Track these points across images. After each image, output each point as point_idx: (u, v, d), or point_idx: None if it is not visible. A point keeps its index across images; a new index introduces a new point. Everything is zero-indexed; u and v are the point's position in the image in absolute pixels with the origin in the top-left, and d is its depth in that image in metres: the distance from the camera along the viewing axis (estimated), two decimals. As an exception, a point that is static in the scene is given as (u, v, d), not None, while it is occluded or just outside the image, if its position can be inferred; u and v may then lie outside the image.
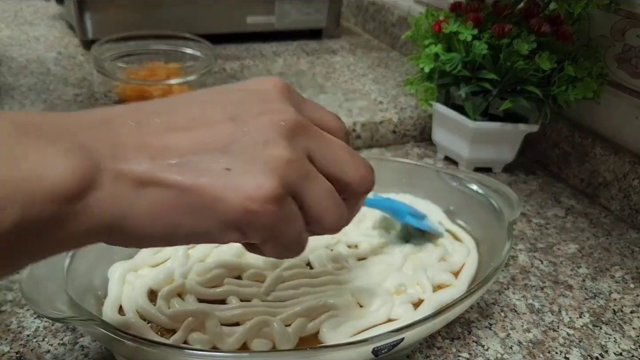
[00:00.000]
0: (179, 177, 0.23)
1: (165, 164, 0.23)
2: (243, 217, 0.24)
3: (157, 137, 0.24)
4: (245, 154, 0.24)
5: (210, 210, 0.23)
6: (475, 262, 0.43)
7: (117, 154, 0.23)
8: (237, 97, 0.27)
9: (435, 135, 0.65)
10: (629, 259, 0.51)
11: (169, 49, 0.73)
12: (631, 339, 0.41)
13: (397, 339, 0.33)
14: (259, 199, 0.23)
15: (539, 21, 0.54)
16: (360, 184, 0.28)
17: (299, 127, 0.26)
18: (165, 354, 0.30)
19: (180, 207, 0.23)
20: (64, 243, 0.22)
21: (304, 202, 0.26)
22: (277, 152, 0.24)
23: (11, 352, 0.36)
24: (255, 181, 0.23)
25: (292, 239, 0.26)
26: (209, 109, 0.26)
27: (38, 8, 1.02)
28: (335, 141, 0.27)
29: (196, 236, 0.25)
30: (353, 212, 0.29)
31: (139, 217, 0.23)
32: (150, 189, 0.23)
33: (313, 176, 0.26)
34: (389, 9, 0.96)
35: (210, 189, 0.23)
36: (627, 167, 0.55)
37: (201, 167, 0.23)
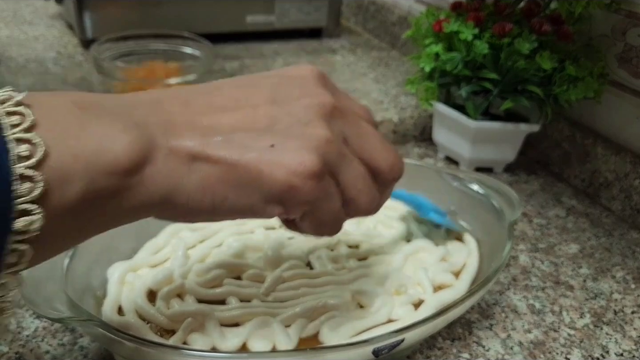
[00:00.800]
0: (226, 152, 0.24)
1: (213, 140, 0.24)
2: (286, 191, 0.25)
3: (205, 116, 0.25)
4: (288, 133, 0.25)
5: (256, 184, 0.24)
6: (476, 263, 0.43)
7: (169, 131, 0.24)
8: (276, 81, 0.28)
9: (435, 135, 0.65)
10: (630, 259, 0.51)
11: (169, 49, 0.73)
12: (632, 339, 0.41)
13: (397, 339, 0.32)
14: (301, 174, 0.24)
15: (540, 21, 0.54)
16: (390, 171, 0.29)
17: (336, 110, 0.27)
18: (165, 355, 0.30)
19: (228, 181, 0.24)
20: (122, 215, 0.24)
21: (340, 182, 0.27)
22: (317, 131, 0.25)
23: (10, 353, 0.36)
24: (298, 157, 0.24)
25: (330, 216, 0.27)
26: (252, 92, 0.27)
27: (37, 7, 1.02)
28: (369, 128, 0.29)
29: (241, 209, 0.25)
30: (383, 199, 0.30)
31: (189, 190, 0.24)
32: (199, 164, 0.24)
33: (349, 158, 0.27)
34: (389, 8, 0.96)
35: (255, 164, 0.24)
36: (628, 167, 0.55)
37: (247, 143, 0.25)
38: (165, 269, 0.39)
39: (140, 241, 0.43)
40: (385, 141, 0.29)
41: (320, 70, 0.29)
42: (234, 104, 0.26)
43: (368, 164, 0.28)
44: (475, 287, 0.37)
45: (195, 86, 0.27)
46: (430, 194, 0.50)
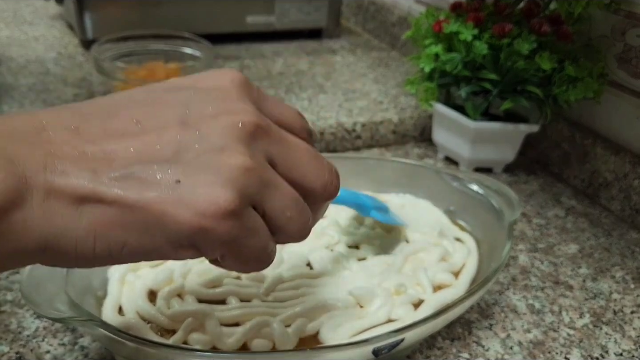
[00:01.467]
0: (122, 192, 0.21)
1: (106, 176, 0.21)
2: (196, 235, 0.22)
3: (98, 145, 0.21)
4: (198, 163, 0.22)
5: (159, 228, 0.21)
6: (475, 263, 0.43)
7: (51, 167, 0.20)
8: (188, 95, 0.24)
9: (435, 136, 0.65)
10: (630, 259, 0.51)
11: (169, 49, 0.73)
12: (631, 339, 0.41)
13: (397, 339, 0.33)
14: (213, 215, 0.21)
15: (540, 21, 0.54)
16: (323, 191, 0.26)
17: (259, 129, 0.23)
18: (165, 354, 0.30)
19: (125, 225, 0.21)
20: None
21: (266, 212, 0.24)
22: (234, 160, 0.22)
23: (11, 353, 0.36)
24: (208, 195, 0.21)
25: (256, 252, 0.24)
26: (157, 111, 0.23)
27: (37, 8, 1.02)
28: (298, 144, 0.25)
29: (145, 254, 0.22)
30: (316, 218, 0.27)
31: (78, 237, 0.21)
32: (90, 205, 0.21)
33: (275, 184, 0.24)
34: (389, 8, 0.96)
35: (157, 205, 0.21)
36: (628, 167, 0.55)
37: (148, 179, 0.21)
38: (165, 269, 0.39)
39: (141, 241, 0.43)
40: (318, 156, 0.26)
41: (242, 76, 0.25)
42: (134, 127, 0.22)
43: (299, 185, 0.25)
44: (474, 287, 0.37)
45: (89, 104, 0.23)
46: (430, 195, 0.50)
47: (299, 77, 0.79)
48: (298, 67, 0.83)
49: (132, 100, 0.24)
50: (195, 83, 0.25)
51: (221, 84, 0.25)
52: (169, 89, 0.24)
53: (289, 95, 0.72)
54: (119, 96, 0.24)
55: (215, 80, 0.25)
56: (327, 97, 0.72)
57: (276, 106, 0.26)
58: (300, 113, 0.27)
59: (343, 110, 0.69)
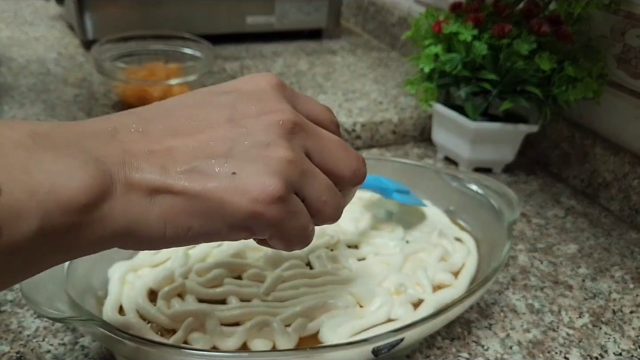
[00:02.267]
0: (187, 183, 0.24)
1: (174, 170, 0.24)
2: (250, 218, 0.25)
3: (163, 143, 0.25)
4: (249, 157, 0.25)
5: (219, 214, 0.24)
6: (475, 262, 0.43)
7: (127, 164, 0.24)
8: (232, 98, 0.27)
9: (435, 136, 0.65)
10: (629, 259, 0.51)
11: (169, 49, 0.73)
12: (630, 339, 0.41)
13: (396, 339, 0.33)
14: (264, 201, 0.24)
15: (539, 21, 0.54)
16: (352, 178, 0.29)
17: (296, 126, 0.27)
18: (166, 354, 0.30)
19: (191, 212, 0.24)
20: (80, 249, 0.23)
21: (305, 197, 0.27)
22: (278, 153, 0.25)
23: (11, 352, 0.36)
24: (259, 183, 0.24)
25: (299, 232, 0.27)
26: (209, 111, 0.26)
27: (38, 8, 1.02)
28: (330, 136, 0.29)
29: (207, 236, 0.25)
30: (347, 201, 0.31)
31: (151, 223, 0.24)
32: (161, 196, 0.24)
33: (312, 173, 0.27)
34: (389, 9, 0.96)
35: (217, 193, 0.24)
36: (627, 167, 0.55)
37: (208, 172, 0.24)
38: (165, 268, 0.39)
39: (141, 241, 0.43)
40: (347, 147, 0.29)
41: (277, 78, 0.29)
42: (191, 125, 0.26)
43: (331, 173, 0.28)
44: (474, 287, 0.37)
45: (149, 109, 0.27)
46: (430, 194, 0.50)
47: (299, 78, 0.79)
48: (298, 68, 0.83)
49: (184, 103, 0.27)
50: (238, 86, 0.28)
51: (260, 86, 0.28)
52: (216, 93, 0.28)
53: (289, 96, 0.72)
54: (173, 100, 0.28)
55: (255, 83, 0.28)
56: (327, 98, 0.72)
57: (307, 103, 0.30)
58: (328, 108, 0.31)
59: (343, 111, 0.69)
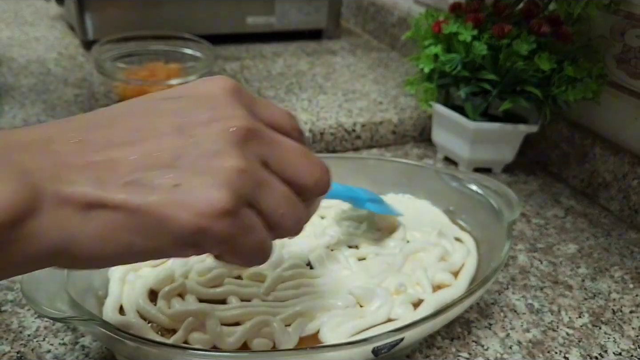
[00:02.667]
0: (125, 196, 0.22)
1: (111, 183, 0.22)
2: (196, 234, 0.23)
3: (102, 154, 0.23)
4: (195, 167, 0.23)
5: (162, 230, 0.23)
6: (475, 262, 0.43)
7: (59, 177, 0.22)
8: (182, 104, 0.25)
9: (435, 136, 0.66)
10: (629, 259, 0.51)
11: (169, 50, 0.73)
12: (630, 338, 0.42)
13: (396, 338, 0.33)
14: (210, 215, 0.23)
15: (539, 22, 0.54)
16: (315, 187, 0.27)
17: (250, 133, 0.25)
18: (166, 354, 0.30)
19: (131, 228, 0.22)
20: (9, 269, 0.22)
21: (261, 210, 0.25)
22: (227, 163, 0.23)
23: (12, 352, 0.36)
24: (205, 196, 0.23)
25: (253, 248, 0.25)
26: (155, 120, 0.24)
27: (38, 8, 1.03)
28: (289, 144, 0.27)
29: (150, 254, 0.24)
30: (310, 212, 0.29)
31: (87, 241, 0.22)
32: (97, 211, 0.22)
33: (267, 183, 0.25)
34: (388, 9, 0.96)
35: (159, 208, 0.22)
36: (627, 167, 0.55)
37: (149, 184, 0.23)
38: (166, 268, 0.39)
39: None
40: (309, 154, 0.27)
41: (233, 82, 0.27)
42: (134, 136, 0.23)
43: (292, 182, 0.26)
44: (474, 287, 0.37)
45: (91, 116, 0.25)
46: (430, 195, 0.50)
47: (299, 78, 0.79)
48: (298, 68, 0.83)
49: (130, 111, 0.25)
50: (189, 92, 0.26)
51: (213, 91, 0.26)
52: (164, 99, 0.26)
53: (289, 96, 0.72)
54: (117, 107, 0.26)
55: (207, 88, 0.26)
56: (327, 98, 0.72)
57: (267, 108, 0.27)
58: (290, 114, 0.29)
59: (343, 111, 0.69)
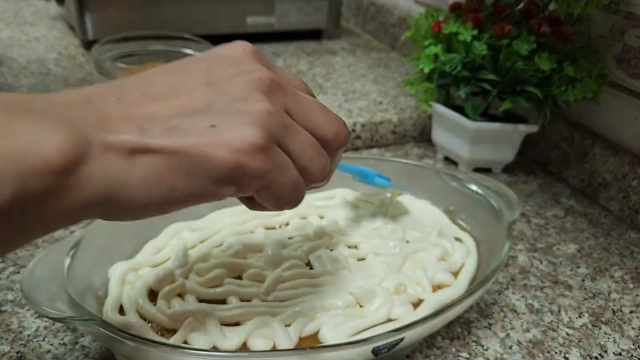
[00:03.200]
0: (166, 141, 0.24)
1: (151, 130, 0.24)
2: (234, 170, 0.24)
3: (140, 107, 0.24)
4: (227, 111, 0.25)
5: (202, 169, 0.24)
6: (474, 262, 0.43)
7: (104, 127, 0.23)
8: (209, 63, 0.27)
9: (435, 136, 0.66)
10: (629, 259, 0.51)
11: (169, 50, 0.73)
12: (630, 338, 0.42)
13: (396, 338, 0.33)
14: (246, 150, 0.24)
15: (539, 22, 0.54)
16: (335, 138, 0.29)
17: (274, 84, 0.27)
18: (166, 354, 0.30)
19: (172, 170, 0.24)
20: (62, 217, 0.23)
21: (290, 152, 0.27)
22: (257, 106, 0.25)
23: (12, 352, 0.36)
24: (240, 134, 0.24)
25: (288, 186, 0.27)
26: (186, 78, 0.26)
27: (38, 8, 1.03)
28: (308, 98, 0.29)
29: (192, 196, 0.25)
30: (334, 164, 0.30)
31: (133, 186, 0.23)
32: (140, 156, 0.23)
33: (294, 128, 0.27)
34: (388, 9, 0.96)
35: (198, 148, 0.24)
36: (627, 167, 0.55)
37: (187, 128, 0.24)
38: (166, 268, 0.39)
39: (141, 241, 0.43)
40: (327, 109, 0.29)
41: (252, 46, 0.29)
42: (168, 92, 0.25)
43: (313, 132, 0.28)
44: (474, 287, 0.37)
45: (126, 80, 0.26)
46: (430, 195, 0.50)
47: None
48: (298, 68, 0.83)
49: (161, 72, 0.27)
50: (213, 54, 0.29)
51: (235, 52, 0.28)
52: (192, 61, 0.28)
53: (289, 96, 0.72)
54: (148, 72, 0.27)
55: (229, 50, 0.29)
56: (327, 98, 0.72)
57: (283, 72, 0.29)
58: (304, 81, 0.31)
59: (343, 111, 0.69)
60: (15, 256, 0.44)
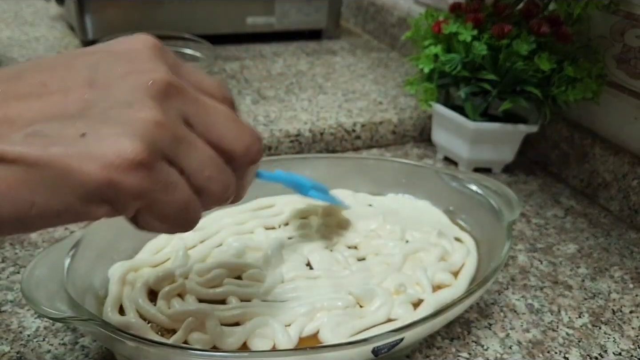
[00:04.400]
0: (24, 149, 0.20)
1: (8, 137, 0.20)
2: (105, 188, 0.21)
3: (1, 108, 0.21)
4: (105, 117, 0.21)
5: (66, 183, 0.21)
6: (474, 262, 0.43)
7: None
8: (97, 58, 0.23)
9: (434, 136, 0.66)
10: (628, 259, 0.51)
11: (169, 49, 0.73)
12: (630, 338, 0.42)
13: (396, 338, 0.33)
14: (120, 166, 0.21)
15: (539, 22, 0.54)
16: (244, 154, 0.25)
17: (171, 87, 0.23)
18: (166, 354, 0.30)
19: (31, 183, 0.20)
20: None
21: (183, 169, 0.23)
22: (142, 114, 0.22)
23: (12, 352, 0.36)
24: (115, 146, 0.21)
25: (175, 207, 0.23)
26: (64, 74, 0.22)
27: (38, 9, 1.03)
28: (217, 106, 0.25)
29: (57, 214, 0.22)
30: (243, 184, 0.28)
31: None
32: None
33: (190, 141, 0.23)
34: (388, 9, 0.96)
35: (62, 159, 0.20)
36: (627, 167, 0.55)
37: (51, 135, 0.21)
38: (166, 268, 0.39)
39: (141, 241, 0.43)
40: (239, 121, 0.26)
41: (157, 40, 0.25)
42: (40, 90, 0.22)
43: (218, 146, 0.24)
44: (474, 287, 0.37)
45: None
46: (429, 195, 0.50)
47: (298, 78, 0.79)
48: (298, 68, 0.83)
49: (38, 65, 0.23)
50: (107, 48, 0.25)
51: (134, 47, 0.24)
52: (78, 54, 0.24)
53: (288, 96, 0.72)
54: (25, 63, 0.23)
55: (127, 44, 0.25)
56: (326, 98, 0.72)
57: (194, 73, 0.26)
58: (222, 83, 0.27)
59: (343, 111, 0.69)
60: (15, 256, 0.44)
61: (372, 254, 0.43)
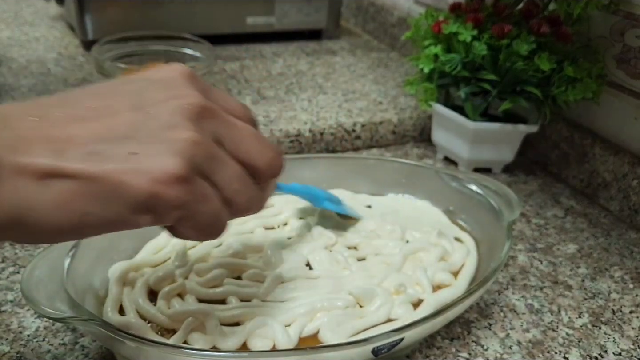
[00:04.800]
0: (82, 165, 0.23)
1: (68, 154, 0.23)
2: (151, 200, 0.24)
3: (60, 128, 0.24)
4: (151, 138, 0.24)
5: (117, 196, 0.24)
6: (474, 262, 0.43)
7: (17, 148, 0.22)
8: (140, 86, 0.27)
9: (434, 136, 0.66)
10: (628, 259, 0.51)
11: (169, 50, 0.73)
12: (630, 338, 0.42)
13: (396, 338, 0.33)
14: (165, 180, 0.24)
15: (539, 22, 0.54)
16: (267, 168, 0.29)
17: (205, 110, 0.26)
18: (166, 354, 0.30)
19: (87, 195, 0.23)
20: None
21: (215, 183, 0.26)
22: (183, 134, 0.25)
23: (12, 352, 0.36)
24: (160, 163, 0.24)
25: (208, 218, 0.26)
26: (112, 100, 0.26)
27: (38, 9, 1.03)
28: (243, 126, 0.28)
29: (108, 223, 0.25)
30: (265, 196, 0.30)
31: (43, 210, 0.23)
32: (54, 180, 0.23)
33: (221, 158, 0.26)
34: (388, 9, 0.96)
35: (115, 174, 0.23)
36: (627, 167, 0.55)
37: (106, 154, 0.24)
38: (166, 268, 0.39)
39: (142, 241, 0.43)
40: (263, 139, 0.29)
41: (189, 69, 0.28)
42: (92, 114, 0.25)
43: (245, 163, 0.28)
44: (474, 287, 0.37)
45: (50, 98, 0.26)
46: (429, 195, 0.50)
47: (298, 78, 0.79)
48: (298, 68, 0.83)
49: (88, 93, 0.26)
50: (146, 76, 0.28)
51: (170, 75, 0.28)
52: (122, 82, 0.27)
53: (289, 96, 0.72)
54: (76, 91, 0.26)
55: (164, 73, 0.28)
56: (326, 98, 0.72)
57: (221, 97, 0.29)
58: (245, 105, 0.30)
59: (343, 111, 0.69)
60: (15, 256, 0.44)
61: (372, 254, 0.43)
